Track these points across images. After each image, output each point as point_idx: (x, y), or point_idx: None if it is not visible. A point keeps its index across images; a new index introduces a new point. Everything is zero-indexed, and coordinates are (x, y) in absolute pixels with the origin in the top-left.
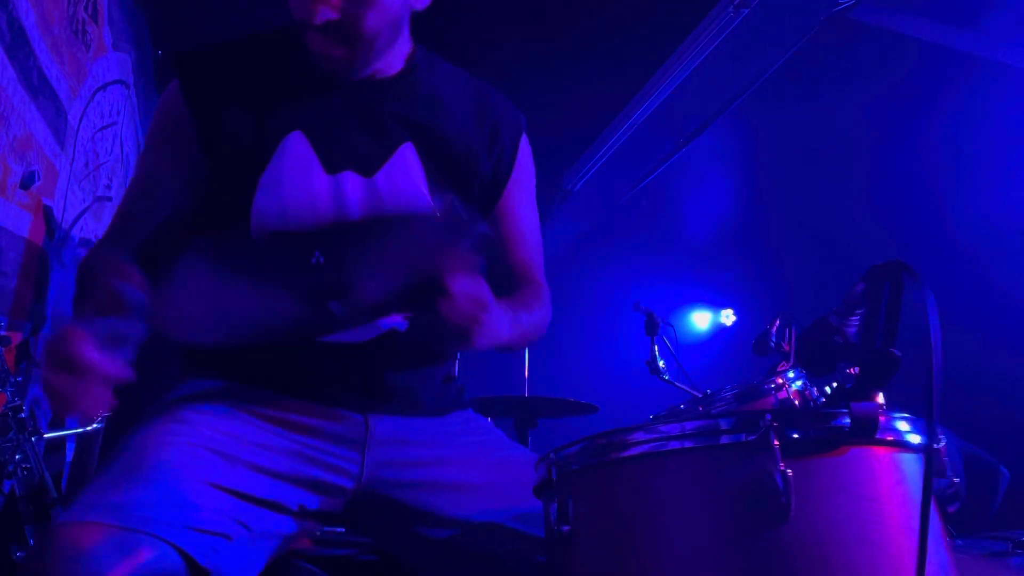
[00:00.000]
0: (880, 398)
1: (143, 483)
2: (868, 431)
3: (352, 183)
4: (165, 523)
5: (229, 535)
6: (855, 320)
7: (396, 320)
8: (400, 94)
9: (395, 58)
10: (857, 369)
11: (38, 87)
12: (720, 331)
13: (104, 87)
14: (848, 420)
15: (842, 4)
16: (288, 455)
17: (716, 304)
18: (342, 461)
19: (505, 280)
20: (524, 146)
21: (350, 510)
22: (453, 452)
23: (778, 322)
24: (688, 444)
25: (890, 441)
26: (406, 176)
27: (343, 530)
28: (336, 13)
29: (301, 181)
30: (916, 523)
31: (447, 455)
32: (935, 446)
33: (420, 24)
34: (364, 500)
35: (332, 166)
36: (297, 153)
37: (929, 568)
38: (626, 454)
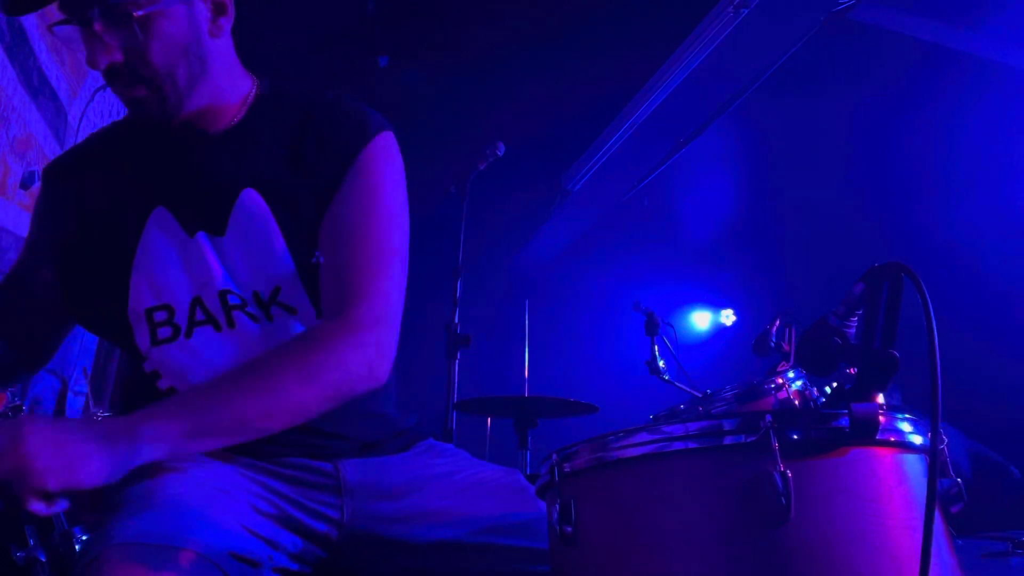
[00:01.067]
0: (880, 399)
1: (172, 512)
2: (868, 432)
3: (206, 244)
4: (209, 546)
5: (257, 562)
6: (854, 321)
7: None
8: (240, 143)
9: (227, 102)
10: (856, 370)
11: (38, 87)
12: (720, 331)
13: (104, 87)
14: (848, 421)
15: (842, 4)
16: (278, 497)
17: (716, 304)
18: (324, 507)
19: (323, 304)
20: (372, 151)
21: (337, 560)
22: (427, 480)
23: (778, 322)
24: (691, 445)
25: (892, 442)
26: (251, 222)
27: None
28: (118, 54)
29: (167, 250)
30: (919, 524)
31: (422, 485)
32: (939, 446)
33: (420, 25)
34: (351, 545)
35: (190, 229)
36: (161, 226)
37: (932, 570)
38: (629, 455)
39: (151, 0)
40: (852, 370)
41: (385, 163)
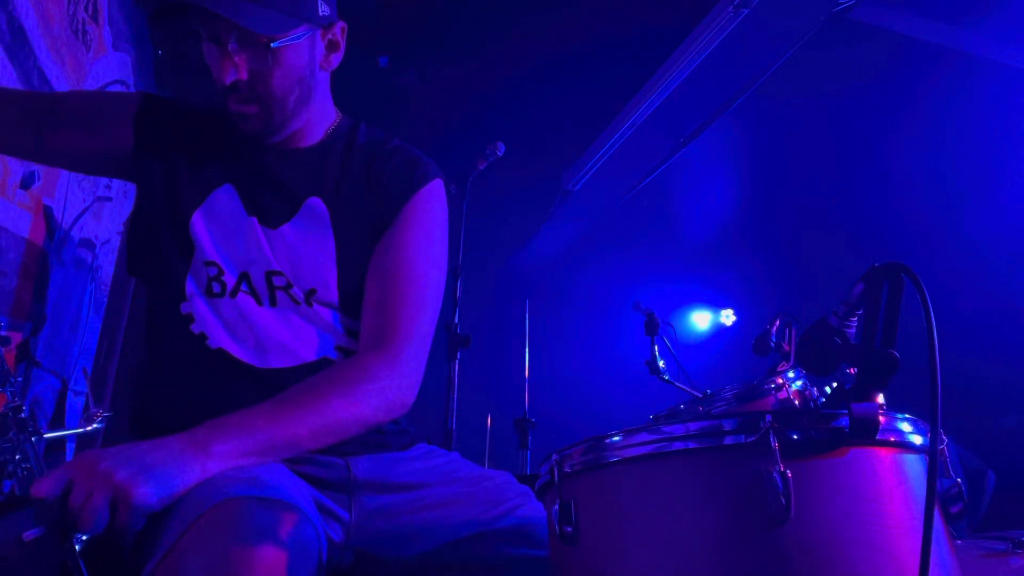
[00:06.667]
0: (880, 399)
1: (265, 476)
2: (868, 432)
3: (259, 230)
4: (298, 499)
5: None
6: (854, 321)
7: (328, 350)
8: (316, 160)
9: (316, 126)
10: (856, 370)
11: (38, 87)
12: (720, 331)
13: (104, 87)
14: (848, 421)
15: (842, 4)
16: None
17: (716, 304)
18: (335, 505)
19: (362, 334)
20: (427, 195)
21: (339, 564)
22: (427, 476)
23: (778, 322)
24: (691, 445)
25: (892, 442)
26: (310, 226)
27: None
28: (244, 74)
29: (226, 219)
30: (919, 524)
31: (423, 480)
32: (938, 446)
33: (420, 25)
34: (352, 550)
35: (249, 211)
36: (228, 197)
37: (932, 570)
38: (629, 455)
39: (286, 33)
40: (852, 370)
41: (433, 207)
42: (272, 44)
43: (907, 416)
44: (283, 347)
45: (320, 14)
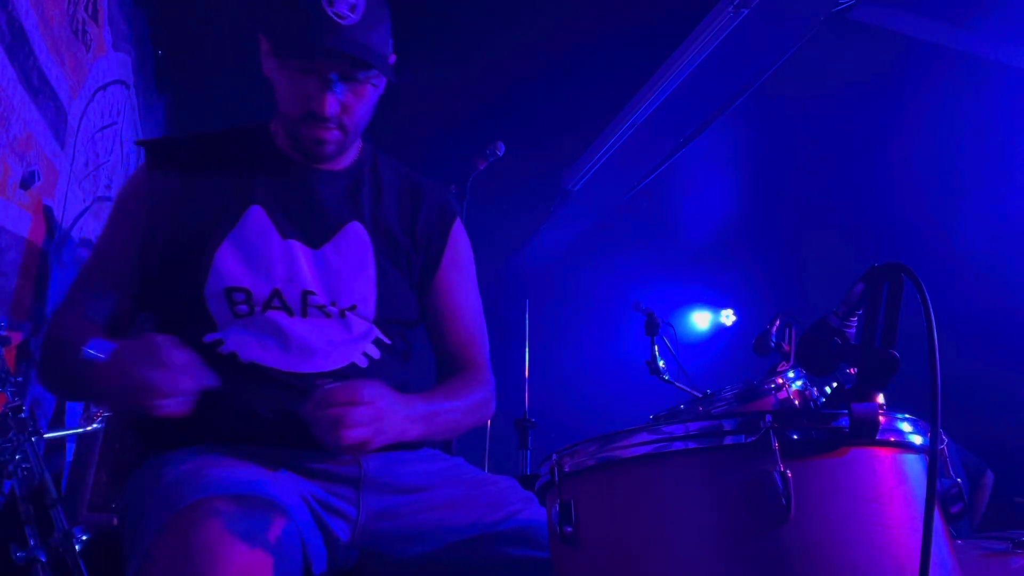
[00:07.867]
0: (880, 399)
1: (250, 473)
2: (868, 432)
3: (300, 251)
4: (285, 501)
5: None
6: (854, 321)
7: (356, 356)
8: (349, 184)
9: (352, 149)
10: (856, 370)
11: (38, 87)
12: (720, 331)
13: (104, 87)
14: (848, 421)
15: (842, 4)
16: (309, 497)
17: (716, 304)
18: (343, 502)
19: (443, 363)
20: (457, 231)
21: (345, 562)
22: (432, 478)
23: (778, 322)
24: (691, 445)
25: (892, 442)
26: (352, 248)
27: None
28: (339, 107)
29: (258, 244)
30: (919, 524)
31: (429, 482)
32: (938, 446)
33: (420, 25)
34: (359, 549)
35: (284, 233)
36: (257, 220)
37: (932, 570)
38: (629, 455)
39: (381, 77)
40: (852, 370)
41: (464, 242)
42: (375, 88)
43: (907, 416)
44: (313, 353)
45: (391, 48)
